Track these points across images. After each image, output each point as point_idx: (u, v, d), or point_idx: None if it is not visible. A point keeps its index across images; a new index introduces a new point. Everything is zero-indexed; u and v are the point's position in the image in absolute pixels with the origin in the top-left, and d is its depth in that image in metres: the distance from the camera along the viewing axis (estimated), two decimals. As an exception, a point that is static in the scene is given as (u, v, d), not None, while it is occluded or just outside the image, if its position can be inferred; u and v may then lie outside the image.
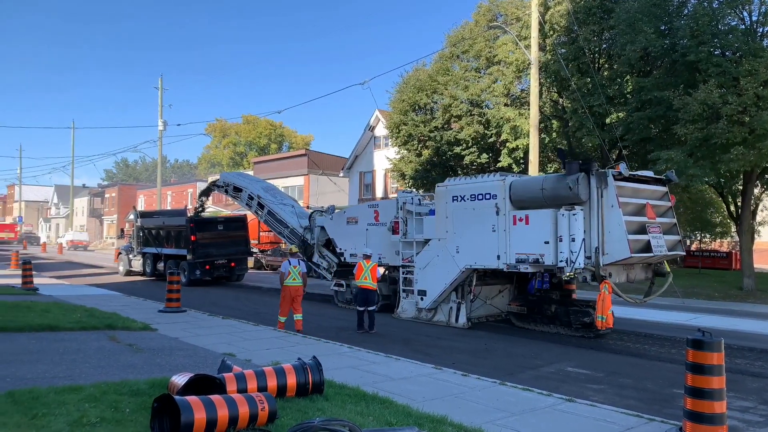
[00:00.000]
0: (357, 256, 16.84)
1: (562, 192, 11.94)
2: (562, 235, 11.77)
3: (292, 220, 20.76)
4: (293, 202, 23.43)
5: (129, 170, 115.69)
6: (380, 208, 16.98)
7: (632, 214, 12.02)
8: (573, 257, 11.63)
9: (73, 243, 63.18)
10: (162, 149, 45.52)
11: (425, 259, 14.75)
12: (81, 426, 5.37)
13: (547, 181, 12.48)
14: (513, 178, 13.28)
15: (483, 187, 13.44)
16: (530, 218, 12.45)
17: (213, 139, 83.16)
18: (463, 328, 13.84)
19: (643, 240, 11.92)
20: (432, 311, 14.78)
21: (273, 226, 21.75)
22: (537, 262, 12.28)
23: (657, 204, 12.82)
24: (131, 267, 28.06)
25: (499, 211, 12.98)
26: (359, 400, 6.74)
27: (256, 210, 22.50)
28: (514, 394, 7.58)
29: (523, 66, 28.67)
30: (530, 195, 12.64)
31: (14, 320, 11.60)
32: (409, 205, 15.49)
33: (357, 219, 17.54)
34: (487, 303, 14.97)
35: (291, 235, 20.61)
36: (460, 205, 13.86)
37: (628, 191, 12.14)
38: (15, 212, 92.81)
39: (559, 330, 13.23)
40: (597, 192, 11.74)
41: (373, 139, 43.47)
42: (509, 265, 12.77)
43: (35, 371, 7.82)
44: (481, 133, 30.42)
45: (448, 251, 14.08)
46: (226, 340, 11.08)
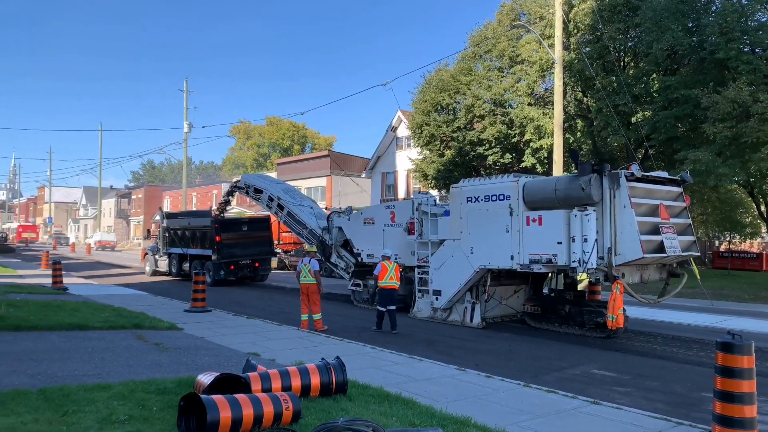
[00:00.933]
0: (373, 256, 17.12)
1: (575, 193, 12.01)
2: (575, 236, 11.84)
3: (310, 221, 21.01)
4: (312, 203, 23.68)
5: (155, 172, 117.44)
6: (396, 209, 17.17)
7: (645, 215, 12.03)
8: (585, 257, 11.69)
9: (101, 243, 64.36)
10: (187, 151, 46.18)
11: (440, 260, 14.86)
12: (110, 423, 5.46)
13: (559, 182, 12.57)
14: (526, 179, 13.34)
15: (497, 188, 13.54)
16: (543, 219, 12.50)
17: (237, 140, 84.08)
18: (477, 327, 13.89)
19: (656, 240, 11.91)
20: (447, 311, 14.87)
21: (292, 227, 22.03)
22: (550, 263, 12.32)
23: (671, 205, 12.80)
24: (157, 267, 28.47)
25: (513, 212, 13.05)
26: (382, 400, 6.76)
27: (276, 211, 22.79)
28: (539, 396, 7.52)
29: (547, 65, 28.45)
30: (543, 196, 12.72)
31: (45, 319, 11.85)
32: (425, 206, 15.65)
33: (374, 220, 17.76)
34: (502, 303, 15.03)
35: (310, 235, 20.88)
36: (475, 206, 13.97)
37: (641, 192, 12.14)
38: (45, 213, 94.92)
39: (573, 330, 13.25)
40: (610, 193, 11.80)
41: (396, 140, 43.49)
42: (522, 265, 12.82)
43: (66, 369, 7.98)
44: (504, 133, 30.25)
45: (462, 252, 14.18)
46: (251, 339, 11.19)
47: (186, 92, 45.42)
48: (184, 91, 45.41)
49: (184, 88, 45.53)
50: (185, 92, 45.42)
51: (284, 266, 34.19)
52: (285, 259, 34.16)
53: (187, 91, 45.39)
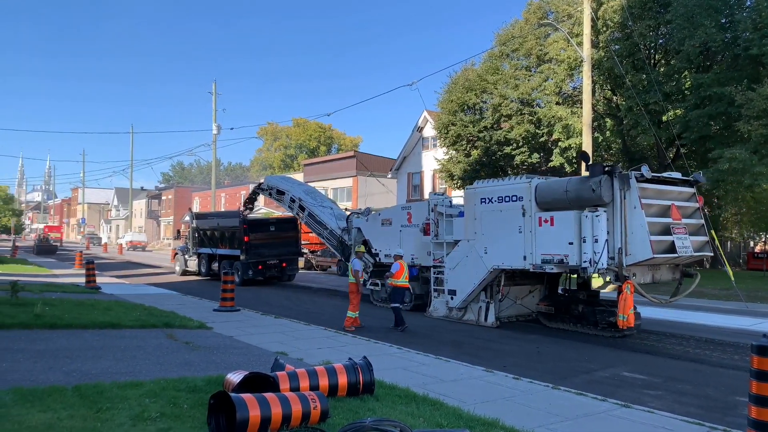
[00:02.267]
0: (391, 256, 17.24)
1: (585, 194, 12.13)
2: (586, 236, 11.97)
3: (330, 222, 21.34)
4: (332, 204, 24.06)
5: (185, 173, 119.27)
6: (413, 210, 17.43)
7: (656, 216, 12.13)
8: (596, 258, 11.82)
9: (132, 243, 65.58)
10: (216, 152, 46.78)
11: (455, 260, 15.01)
12: (142, 420, 5.57)
13: (570, 183, 12.69)
14: (538, 181, 13.45)
15: (510, 190, 13.70)
16: (555, 219, 12.64)
17: (264, 142, 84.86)
18: (491, 327, 14.07)
19: (667, 241, 12.00)
20: (462, 310, 15.04)
21: (313, 227, 22.39)
22: (561, 263, 12.44)
23: (683, 205, 12.85)
24: (187, 267, 28.90)
25: (525, 213, 13.19)
26: (410, 401, 6.76)
27: (298, 212, 23.18)
28: (568, 399, 7.44)
29: (575, 63, 28.10)
30: (555, 197, 12.83)
31: (79, 318, 12.14)
32: (440, 207, 15.85)
33: (391, 221, 18.06)
34: (517, 303, 15.15)
35: (330, 236, 21.19)
36: (488, 206, 14.15)
37: (651, 193, 12.23)
38: (78, 214, 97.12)
39: (586, 329, 13.34)
40: (620, 194, 11.91)
41: (422, 140, 43.41)
42: (535, 265, 12.95)
43: (99, 367, 8.16)
44: (531, 132, 29.98)
45: (476, 252, 14.34)
46: (279, 339, 11.30)
47: (214, 95, 46.03)
48: (213, 94, 46.02)
49: (212, 90, 46.15)
50: (214, 95, 46.03)
51: (311, 266, 34.41)
52: (312, 259, 34.37)
53: (216, 94, 46.00)
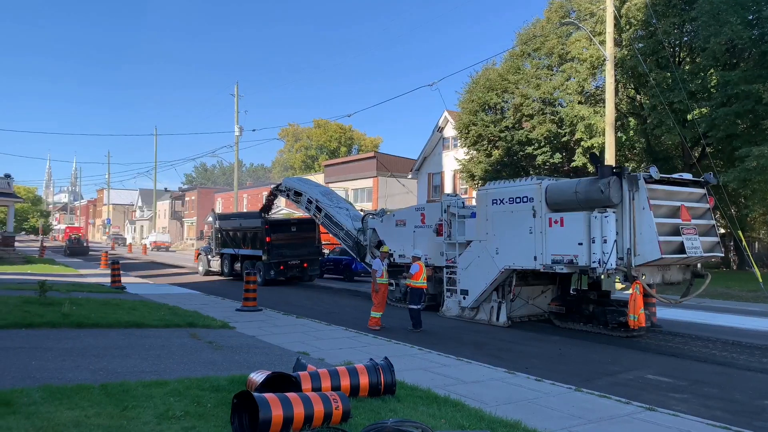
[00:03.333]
0: (405, 257, 17.57)
1: (595, 195, 12.26)
2: (595, 237, 12.13)
3: (346, 223, 21.59)
4: (348, 205, 24.31)
5: (207, 174, 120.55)
6: (426, 211, 17.64)
7: (665, 216, 12.26)
8: (605, 258, 11.95)
9: (156, 244, 66.43)
10: (238, 154, 47.21)
11: (467, 260, 15.23)
12: (167, 419, 5.65)
13: (580, 185, 12.82)
14: (549, 182, 13.60)
15: (521, 191, 13.87)
16: (565, 220, 12.80)
17: (286, 143, 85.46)
18: (503, 326, 14.23)
19: (676, 241, 12.12)
20: (474, 310, 15.23)
21: (329, 228, 22.64)
22: (571, 263, 12.60)
23: (693, 206, 12.93)
24: (210, 267, 29.22)
25: (536, 214, 13.36)
26: (431, 402, 6.76)
27: (315, 213, 23.42)
28: (591, 401, 7.37)
29: (598, 62, 27.82)
30: (565, 198, 12.97)
31: (105, 317, 12.35)
32: (453, 207, 16.07)
33: (405, 221, 18.29)
34: (530, 303, 15.31)
35: (346, 236, 21.44)
36: (500, 207, 14.33)
37: (661, 194, 12.34)
38: (104, 215, 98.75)
39: (597, 329, 13.47)
40: (629, 195, 12.03)
41: (442, 140, 43.31)
42: (545, 265, 13.11)
43: (124, 365, 8.30)
44: (554, 132, 29.74)
45: (488, 252, 14.54)
46: (300, 339, 11.36)
47: (236, 97, 46.46)
48: (235, 96, 46.46)
49: (234, 92, 46.59)
50: (236, 97, 46.47)
51: (332, 267, 34.49)
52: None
53: (238, 96, 46.41)
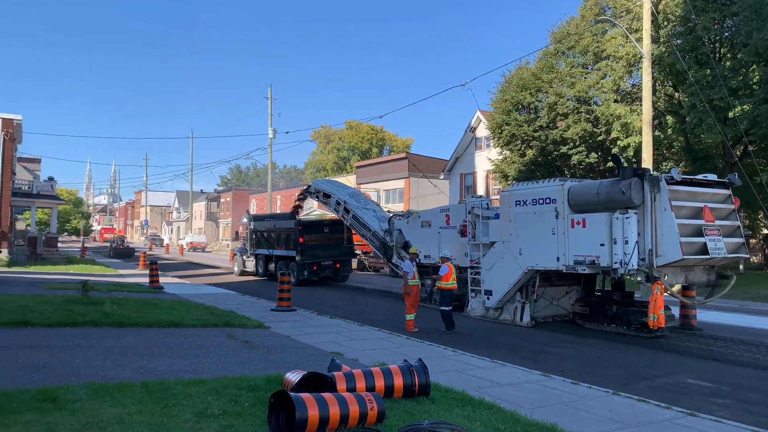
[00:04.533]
0: (430, 257, 17.99)
1: (616, 196, 12.33)
2: (617, 238, 12.23)
3: (373, 224, 21.94)
4: (375, 206, 24.69)
5: (242, 176, 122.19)
6: (451, 212, 17.91)
7: (688, 218, 12.28)
8: (626, 259, 12.03)
9: (193, 245, 67.66)
10: (272, 156, 47.75)
11: (491, 261, 15.43)
12: (206, 417, 5.76)
13: (602, 186, 12.91)
14: (571, 183, 13.70)
15: (543, 192, 13.99)
16: (587, 221, 12.89)
17: (318, 144, 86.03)
18: (526, 326, 14.31)
19: (699, 243, 12.13)
20: (498, 310, 15.38)
21: (357, 229, 23.02)
22: (593, 264, 12.70)
23: (717, 207, 12.87)
24: (245, 267, 29.64)
25: (559, 215, 13.47)
26: (465, 404, 6.73)
27: (343, 214, 23.82)
28: (629, 405, 7.24)
29: (635, 60, 27.28)
30: (587, 199, 13.07)
31: (144, 316, 12.65)
32: (477, 209, 16.34)
33: (430, 222, 18.63)
34: (554, 303, 15.40)
35: (373, 237, 21.79)
36: (523, 209, 14.47)
37: (683, 195, 12.35)
38: (142, 216, 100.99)
39: (620, 329, 13.50)
40: (650, 196, 12.09)
41: (474, 141, 43.02)
42: (568, 266, 13.22)
43: (164, 364, 8.49)
44: (589, 131, 29.26)
45: (511, 253, 14.70)
46: (334, 339, 11.45)
47: (270, 99, 46.99)
48: (269, 99, 47.00)
49: (268, 95, 47.13)
50: (270, 99, 47.00)
51: (364, 267, 34.65)
52: (365, 260, 34.61)
53: (272, 99, 46.94)
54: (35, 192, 38.27)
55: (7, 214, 31.00)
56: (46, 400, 6.01)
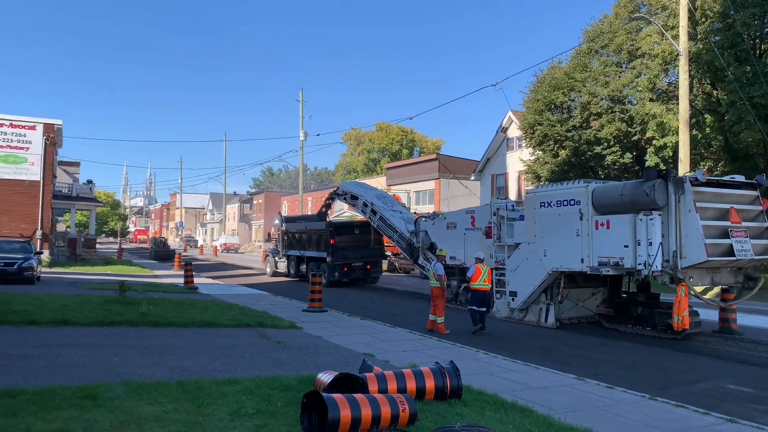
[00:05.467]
0: (456, 258, 18.12)
1: (640, 198, 12.32)
2: (640, 239, 12.20)
3: (400, 225, 22.09)
4: (402, 208, 24.78)
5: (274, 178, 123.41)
6: (476, 214, 17.98)
7: (713, 219, 12.23)
8: (650, 260, 12.01)
9: (226, 246, 68.60)
10: (303, 158, 48.17)
11: (516, 262, 15.52)
12: (240, 416, 5.84)
13: (626, 188, 12.90)
14: (595, 185, 13.71)
15: (568, 194, 14.03)
16: (611, 223, 12.89)
17: (348, 146, 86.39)
18: (551, 328, 14.33)
19: (725, 244, 12.07)
20: (523, 311, 15.44)
21: (384, 230, 23.18)
22: (617, 265, 12.69)
23: (744, 208, 12.77)
24: (277, 268, 29.95)
25: (583, 217, 13.50)
26: (498, 407, 6.68)
27: (370, 216, 24.05)
28: (667, 411, 7.08)
29: (671, 58, 26.69)
30: (611, 201, 13.08)
31: (180, 316, 12.88)
32: (502, 210, 16.42)
33: (456, 224, 18.69)
34: (579, 305, 15.44)
35: (399, 238, 21.97)
36: (547, 210, 14.51)
37: (708, 196, 12.32)
38: (177, 218, 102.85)
39: (645, 331, 13.49)
40: (674, 197, 12.04)
41: (506, 141, 42.63)
42: (592, 267, 13.23)
43: (198, 363, 8.63)
44: (623, 131, 28.74)
45: (536, 254, 14.74)
46: (365, 340, 11.48)
47: (302, 102, 47.43)
48: (300, 102, 47.43)
49: (299, 98, 47.56)
50: (301, 102, 47.43)
51: (394, 269, 34.65)
52: (395, 262, 34.60)
53: (303, 101, 47.35)
54: (75, 194, 39.31)
55: (48, 216, 31.93)
56: (87, 398, 6.17)
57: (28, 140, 31.04)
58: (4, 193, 30.24)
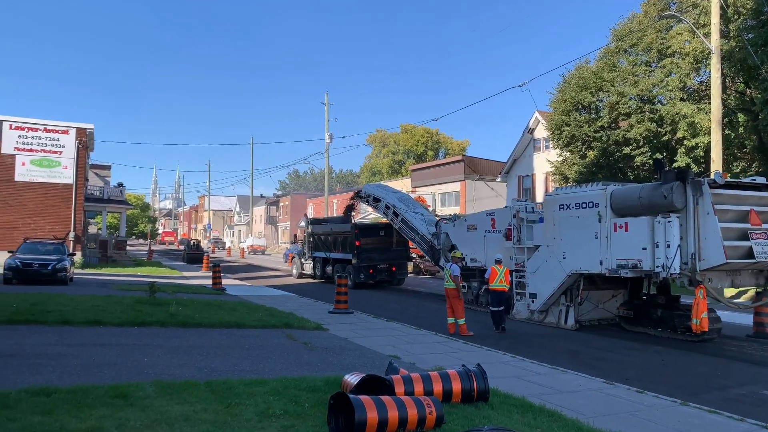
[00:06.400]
0: (476, 260, 18.26)
1: (658, 200, 12.33)
2: (659, 242, 12.20)
3: (421, 227, 22.23)
4: (423, 210, 24.91)
5: (300, 180, 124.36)
6: (496, 216, 18.10)
7: (732, 221, 12.19)
8: (668, 263, 12.01)
9: (253, 248, 69.30)
10: (328, 160, 48.40)
11: (535, 264, 15.60)
12: (268, 417, 5.89)
13: (644, 190, 12.90)
14: (614, 187, 13.76)
15: (586, 196, 14.12)
16: (629, 225, 12.93)
17: (374, 148, 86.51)
18: (570, 329, 14.41)
19: (744, 246, 12.04)
20: (543, 313, 15.51)
21: (406, 232, 23.28)
22: (636, 267, 12.71)
23: (764, 210, 12.69)
24: (303, 270, 30.15)
25: (601, 219, 13.57)
26: (525, 410, 6.62)
27: (392, 218, 24.16)
28: (699, 416, 6.93)
29: (702, 56, 26.13)
30: (629, 203, 13.10)
31: (208, 317, 13.05)
32: (522, 213, 16.49)
33: (476, 226, 18.81)
34: (599, 307, 15.49)
35: (421, 240, 22.12)
36: (566, 213, 14.61)
37: (727, 198, 12.26)
38: (204, 220, 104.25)
39: (665, 333, 13.49)
40: (693, 200, 12.03)
41: (533, 142, 42.25)
42: (611, 270, 13.27)
43: (227, 364, 8.73)
44: (653, 131, 28.23)
45: (555, 257, 14.84)
46: (391, 342, 11.48)
47: (327, 105, 47.69)
48: (326, 104, 47.70)
49: (325, 101, 47.83)
50: (326, 105, 47.70)
51: (419, 271, 34.58)
52: (420, 264, 34.53)
53: (328, 104, 47.60)
54: (106, 197, 40.13)
55: (80, 219, 32.66)
56: (118, 397, 6.29)
57: (62, 144, 31.82)
58: (38, 196, 31.05)
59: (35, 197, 30.97)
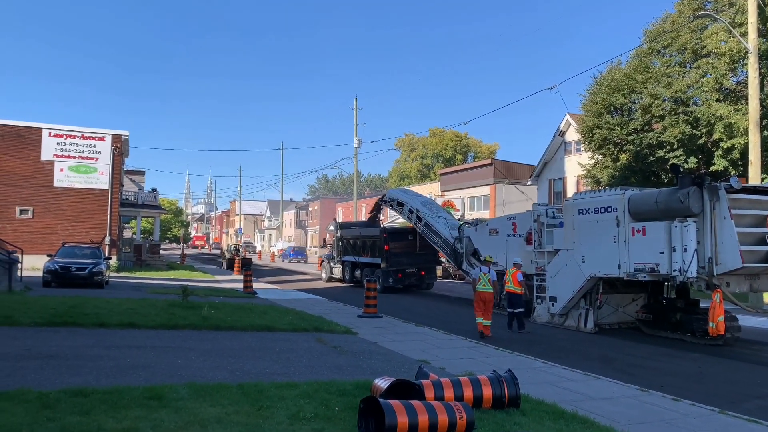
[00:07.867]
0: (498, 264, 18.16)
1: (675, 205, 12.44)
2: (675, 246, 12.36)
3: (444, 232, 22.56)
4: (446, 215, 25.33)
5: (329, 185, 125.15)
6: (518, 221, 18.44)
7: (750, 226, 12.29)
8: (685, 267, 12.14)
9: (283, 251, 69.86)
10: (357, 165, 48.57)
11: (555, 268, 15.83)
12: (298, 420, 5.93)
13: (661, 195, 13.04)
14: (632, 192, 13.89)
15: (605, 201, 14.31)
16: (647, 230, 13.07)
17: (402, 153, 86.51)
18: (590, 332, 14.62)
19: (762, 251, 12.14)
20: (563, 316, 15.72)
21: (429, 236, 23.48)
22: (653, 271, 12.84)
23: None
24: (332, 274, 30.32)
25: (619, 223, 13.74)
26: (557, 417, 6.53)
27: (415, 222, 24.39)
28: (738, 425, 6.75)
29: (739, 56, 25.52)
30: (646, 208, 13.23)
31: (240, 320, 13.20)
32: (543, 217, 16.79)
33: (498, 230, 19.22)
34: (619, 310, 15.60)
35: (444, 244, 22.42)
36: (585, 217, 14.82)
37: (744, 203, 12.35)
38: (236, 224, 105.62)
39: (684, 337, 13.56)
40: (709, 205, 12.14)
41: (564, 145, 41.76)
42: (628, 273, 13.41)
43: (257, 366, 8.82)
44: (688, 133, 27.62)
45: (575, 260, 15.03)
46: (420, 347, 11.45)
47: (356, 110, 47.88)
48: (354, 109, 47.90)
49: (354, 106, 48.04)
50: (355, 110, 47.90)
51: (448, 275, 34.43)
52: (449, 268, 34.37)
53: (357, 109, 47.80)
54: (140, 202, 41.01)
55: (116, 223, 33.41)
56: (153, 398, 6.41)
57: (98, 151, 32.64)
58: (76, 201, 31.88)
59: (73, 202, 31.82)
